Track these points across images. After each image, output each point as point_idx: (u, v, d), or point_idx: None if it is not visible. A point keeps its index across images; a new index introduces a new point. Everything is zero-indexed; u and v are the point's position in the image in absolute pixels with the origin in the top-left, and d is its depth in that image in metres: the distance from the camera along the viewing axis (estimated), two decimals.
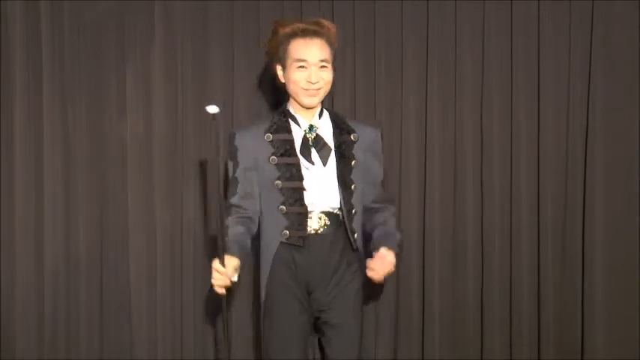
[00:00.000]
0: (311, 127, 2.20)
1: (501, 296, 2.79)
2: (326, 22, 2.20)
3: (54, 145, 2.77)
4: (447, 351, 2.80)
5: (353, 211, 2.17)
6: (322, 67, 2.14)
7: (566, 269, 2.79)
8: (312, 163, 2.17)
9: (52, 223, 2.77)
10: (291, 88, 2.17)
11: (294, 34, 2.14)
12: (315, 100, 2.17)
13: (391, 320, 2.79)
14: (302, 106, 2.19)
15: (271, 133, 2.19)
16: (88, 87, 2.79)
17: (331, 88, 2.24)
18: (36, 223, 2.76)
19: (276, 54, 2.20)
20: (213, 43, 2.80)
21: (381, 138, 2.32)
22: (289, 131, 2.19)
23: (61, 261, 2.79)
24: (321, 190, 2.15)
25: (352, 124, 2.25)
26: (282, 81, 2.21)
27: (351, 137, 2.20)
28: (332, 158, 2.18)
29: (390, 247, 2.11)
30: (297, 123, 2.21)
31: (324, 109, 2.26)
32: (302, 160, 2.16)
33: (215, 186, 2.04)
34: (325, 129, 2.22)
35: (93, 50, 2.77)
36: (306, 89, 2.14)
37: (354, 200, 2.17)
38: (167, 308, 2.83)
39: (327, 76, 2.16)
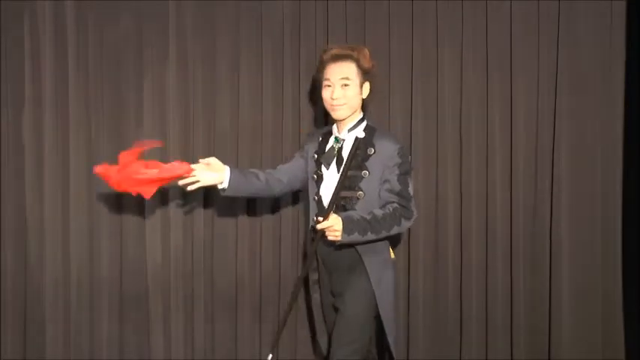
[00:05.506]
0: (336, 139, 2.46)
1: (478, 292, 2.92)
2: (358, 47, 2.45)
3: (79, 149, 2.99)
4: (429, 346, 2.93)
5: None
6: (344, 84, 2.39)
7: (536, 267, 2.91)
8: (327, 169, 2.45)
9: (77, 219, 2.99)
10: (324, 105, 2.47)
11: (328, 60, 2.42)
12: (340, 113, 2.41)
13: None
14: (334, 119, 2.47)
15: (321, 137, 2.54)
16: (109, 98, 2.99)
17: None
18: (63, 219, 2.99)
19: (319, 79, 2.49)
20: (221, 57, 2.98)
21: (406, 152, 2.39)
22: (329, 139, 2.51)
23: (85, 253, 3.01)
24: (329, 192, 2.40)
25: (377, 138, 2.39)
26: None
27: (367, 151, 2.38)
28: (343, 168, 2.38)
29: (345, 216, 2.28)
30: (332, 133, 2.51)
31: (364, 123, 2.46)
32: (322, 166, 2.46)
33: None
34: (350, 141, 2.42)
35: (114, 65, 2.99)
36: (331, 104, 2.41)
37: (358, 206, 2.37)
38: (180, 298, 3.02)
39: (349, 93, 2.39)
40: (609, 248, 2.87)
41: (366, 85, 2.46)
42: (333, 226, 2.26)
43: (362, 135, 2.41)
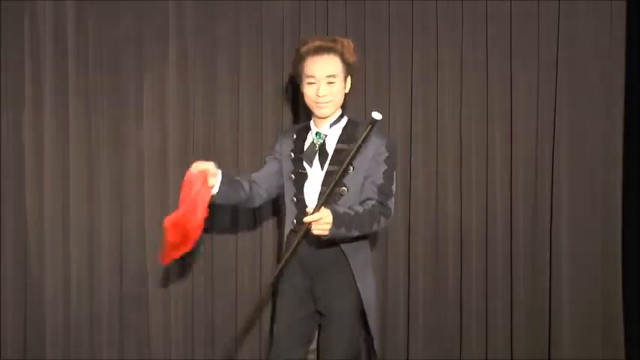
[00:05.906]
0: (318, 135, 2.39)
1: (478, 292, 2.92)
2: (340, 39, 2.33)
3: (79, 149, 2.98)
4: (429, 346, 2.93)
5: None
6: (330, 82, 2.29)
7: (536, 267, 2.91)
8: (310, 166, 2.36)
9: (77, 219, 2.99)
10: (306, 101, 2.36)
11: (308, 53, 2.29)
12: (325, 111, 2.32)
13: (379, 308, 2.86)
14: (316, 116, 2.39)
15: (296, 134, 2.46)
16: (109, 98, 2.99)
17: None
18: (63, 219, 2.99)
19: (297, 72, 2.37)
20: (221, 57, 2.99)
21: (393, 146, 2.31)
22: (307, 136, 2.43)
23: (85, 253, 3.00)
24: (314, 190, 2.34)
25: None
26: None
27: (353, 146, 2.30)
28: (328, 164, 2.32)
29: (332, 210, 2.12)
30: (311, 129, 2.42)
31: (345, 118, 2.38)
32: (304, 163, 2.37)
33: None
34: (333, 137, 2.36)
35: (114, 65, 2.99)
36: (316, 102, 2.31)
37: (341, 202, 2.28)
38: (180, 296, 3.02)
39: (335, 89, 2.29)
40: (609, 248, 2.88)
41: (349, 79, 2.38)
42: (323, 219, 2.08)
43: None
